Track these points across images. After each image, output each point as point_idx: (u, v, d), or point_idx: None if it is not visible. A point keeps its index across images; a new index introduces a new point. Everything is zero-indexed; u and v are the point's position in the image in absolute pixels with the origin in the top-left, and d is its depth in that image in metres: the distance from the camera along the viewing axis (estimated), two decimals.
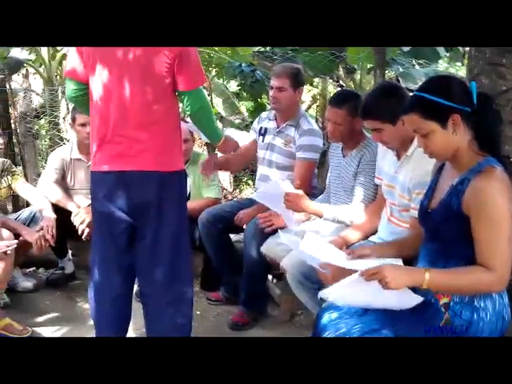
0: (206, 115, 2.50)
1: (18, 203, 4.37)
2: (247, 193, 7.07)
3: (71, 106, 8.46)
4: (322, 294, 1.95)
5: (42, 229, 3.28)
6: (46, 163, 5.79)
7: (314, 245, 2.28)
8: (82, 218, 3.54)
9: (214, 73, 6.92)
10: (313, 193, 3.32)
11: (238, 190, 7.48)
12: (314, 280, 2.62)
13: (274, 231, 2.97)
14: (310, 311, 2.89)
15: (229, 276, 3.55)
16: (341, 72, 6.79)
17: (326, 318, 2.05)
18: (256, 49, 6.14)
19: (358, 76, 6.59)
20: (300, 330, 3.21)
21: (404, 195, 2.41)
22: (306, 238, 2.31)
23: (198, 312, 3.51)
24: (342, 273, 2.04)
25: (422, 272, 1.79)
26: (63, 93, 7.75)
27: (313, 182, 3.43)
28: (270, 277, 3.57)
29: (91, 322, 3.31)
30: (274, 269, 3.30)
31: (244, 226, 3.39)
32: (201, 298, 3.67)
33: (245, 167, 3.42)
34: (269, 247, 3.04)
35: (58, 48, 7.24)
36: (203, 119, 2.52)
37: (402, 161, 2.44)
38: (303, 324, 3.30)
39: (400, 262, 2.02)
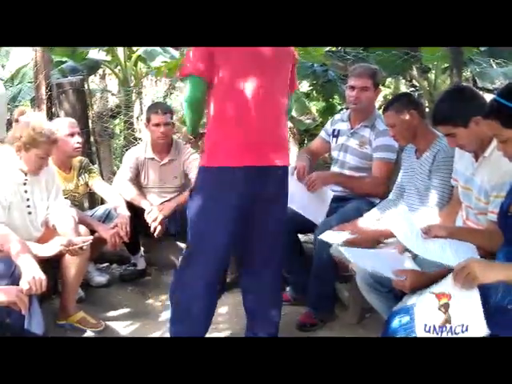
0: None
1: (94, 200, 4.50)
2: None
3: (145, 106, 8.71)
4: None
5: (116, 226, 3.37)
6: (120, 162, 5.96)
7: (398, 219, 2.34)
8: (154, 215, 3.62)
9: None
10: None
11: None
12: (384, 283, 2.57)
13: None
14: (379, 314, 2.84)
15: (297, 276, 3.53)
16: (414, 72, 6.65)
17: (396, 321, 2.02)
18: (327, 48, 6.09)
19: (432, 76, 6.45)
20: (368, 333, 3.16)
21: (481, 198, 2.34)
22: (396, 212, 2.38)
23: None
24: (419, 280, 2.03)
25: None
26: (138, 93, 7.97)
27: None
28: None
29: (162, 319, 3.42)
30: (343, 270, 3.26)
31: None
32: None
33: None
34: (339, 249, 3.01)
35: (134, 48, 7.44)
36: None
37: (480, 162, 2.36)
38: (372, 327, 3.25)
39: (474, 250, 2.03)
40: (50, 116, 4.33)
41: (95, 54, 7.80)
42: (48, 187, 3.13)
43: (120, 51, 7.40)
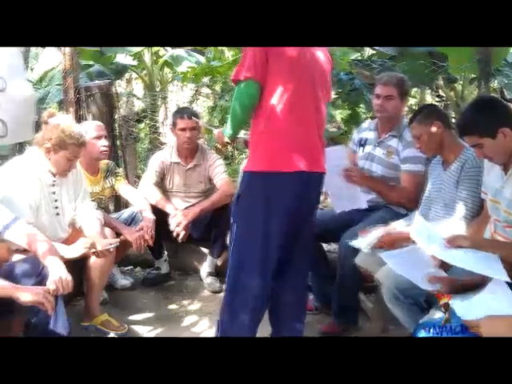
0: None
1: (119, 203, 4.53)
2: None
3: (170, 110, 8.76)
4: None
5: (141, 229, 3.39)
6: (144, 166, 6.00)
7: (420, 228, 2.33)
8: (178, 220, 3.63)
9: None
10: None
11: (328, 200, 7.42)
12: (410, 294, 2.55)
13: None
14: (403, 326, 2.82)
15: (320, 285, 3.52)
16: (441, 82, 6.60)
17: (422, 333, 2.00)
18: (353, 57, 6.08)
19: (459, 86, 6.39)
20: None
21: (510, 211, 2.30)
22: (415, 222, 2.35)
23: None
24: (455, 289, 2.04)
25: None
26: (163, 98, 8.01)
27: None
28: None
29: (185, 324, 3.43)
30: (367, 281, 3.24)
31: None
32: None
33: None
34: (363, 258, 2.99)
35: (160, 53, 7.49)
36: None
37: (509, 175, 2.33)
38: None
39: (498, 260, 2.02)
40: (78, 119, 4.37)
41: (122, 58, 7.88)
42: (76, 189, 3.17)
43: (147, 56, 7.46)
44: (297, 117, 2.51)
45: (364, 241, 2.86)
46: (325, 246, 3.70)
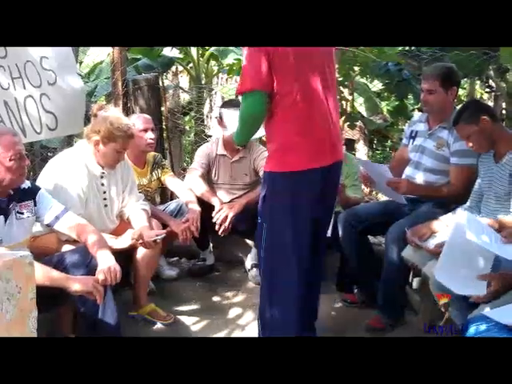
0: None
1: (165, 195, 4.58)
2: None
3: (215, 103, 8.79)
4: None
5: (187, 220, 3.42)
6: (189, 158, 6.04)
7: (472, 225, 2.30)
8: (225, 213, 3.65)
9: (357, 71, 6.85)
10: None
11: (374, 192, 7.34)
12: None
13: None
14: (451, 321, 2.77)
15: (366, 279, 3.49)
16: (491, 72, 6.44)
17: (472, 329, 1.97)
18: (400, 48, 5.97)
19: (511, 77, 6.22)
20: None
21: None
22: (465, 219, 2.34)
23: (333, 313, 3.50)
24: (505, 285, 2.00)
25: None
26: (209, 90, 8.06)
27: None
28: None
29: (230, 316, 3.45)
30: (414, 275, 3.19)
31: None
32: (336, 299, 3.65)
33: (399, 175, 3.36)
34: (411, 252, 2.95)
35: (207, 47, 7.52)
36: None
37: None
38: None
39: None
40: (126, 112, 4.42)
41: (168, 51, 7.94)
42: (124, 181, 3.21)
43: (193, 49, 7.49)
44: (313, 111, 2.50)
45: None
46: (371, 238, 3.65)
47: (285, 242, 2.57)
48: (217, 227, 3.66)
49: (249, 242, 4.14)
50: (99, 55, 7.34)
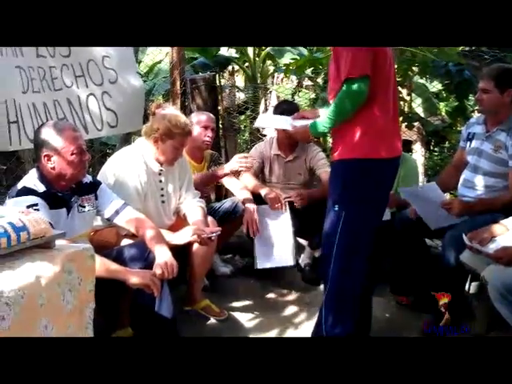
0: None
1: (220, 193, 4.63)
2: None
3: (271, 102, 8.81)
4: None
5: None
6: None
7: None
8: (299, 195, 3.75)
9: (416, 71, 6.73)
10: None
11: None
12: None
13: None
14: (510, 326, 2.70)
15: (421, 282, 3.44)
16: None
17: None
18: (460, 48, 5.84)
19: None
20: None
21: None
22: None
23: (386, 315, 3.46)
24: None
25: None
26: (265, 89, 8.09)
27: None
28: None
29: (284, 314, 3.46)
30: (472, 279, 3.13)
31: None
32: (390, 301, 3.61)
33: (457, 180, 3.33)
34: (469, 256, 2.89)
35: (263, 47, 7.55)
36: None
37: None
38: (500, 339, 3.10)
39: None
40: (183, 110, 4.50)
41: (225, 50, 8.01)
42: (181, 178, 3.26)
43: (249, 48, 7.54)
44: (386, 106, 2.63)
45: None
46: (428, 241, 3.60)
47: (365, 227, 2.68)
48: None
49: (302, 241, 4.14)
50: (158, 55, 7.48)
